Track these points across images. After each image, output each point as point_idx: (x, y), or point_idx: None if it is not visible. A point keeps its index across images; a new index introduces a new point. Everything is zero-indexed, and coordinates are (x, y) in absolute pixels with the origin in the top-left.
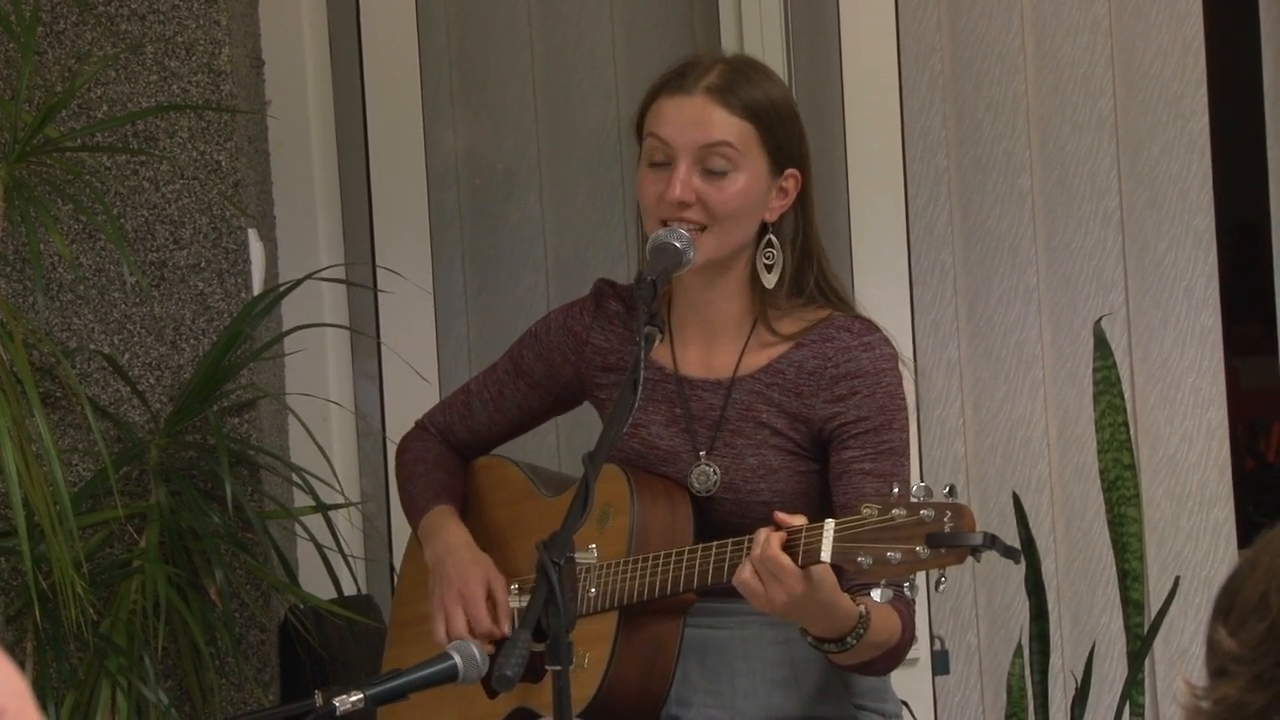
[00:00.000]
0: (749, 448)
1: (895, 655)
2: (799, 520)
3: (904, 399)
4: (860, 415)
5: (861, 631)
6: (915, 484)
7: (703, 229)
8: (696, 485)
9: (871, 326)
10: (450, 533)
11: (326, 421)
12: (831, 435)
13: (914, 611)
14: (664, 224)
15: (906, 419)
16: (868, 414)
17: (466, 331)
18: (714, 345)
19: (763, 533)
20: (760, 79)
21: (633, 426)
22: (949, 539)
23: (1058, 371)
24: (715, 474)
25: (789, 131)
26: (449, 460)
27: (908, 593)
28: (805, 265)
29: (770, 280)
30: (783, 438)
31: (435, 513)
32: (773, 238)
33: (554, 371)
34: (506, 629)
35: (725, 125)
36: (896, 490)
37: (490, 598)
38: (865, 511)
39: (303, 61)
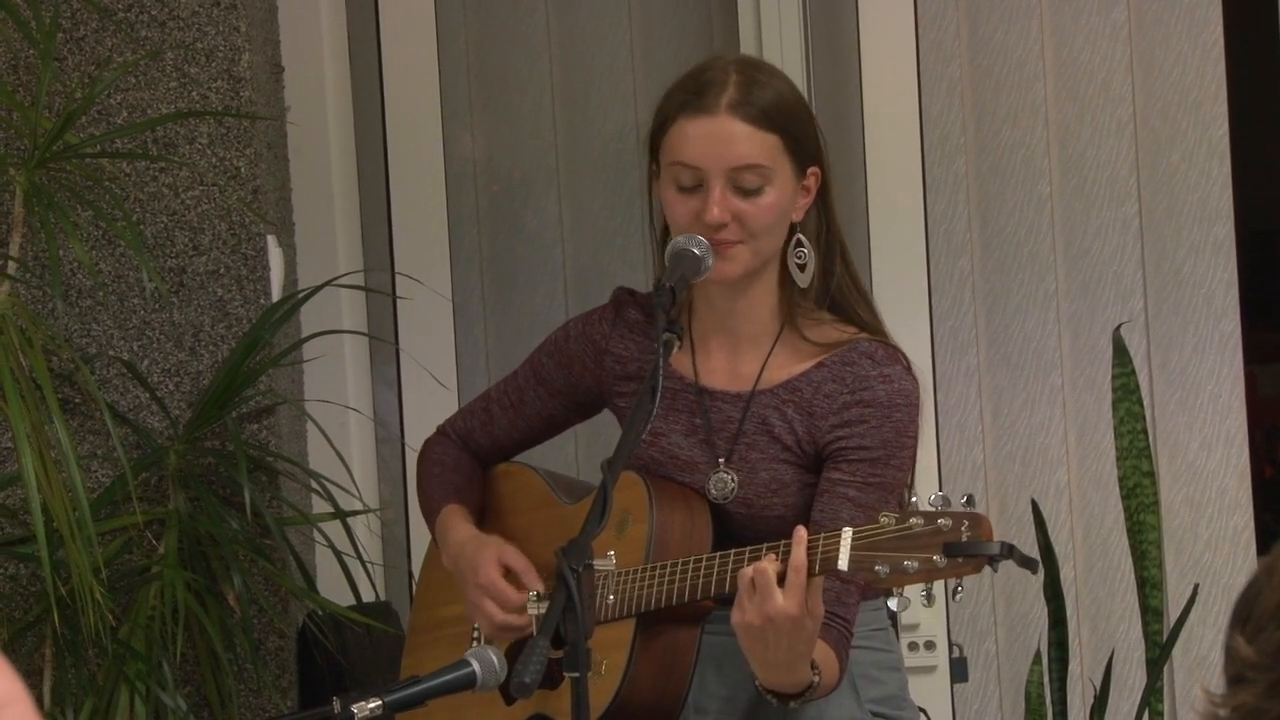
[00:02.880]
0: (762, 462)
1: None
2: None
3: (912, 438)
4: (862, 444)
5: (809, 696)
6: (933, 493)
7: (738, 242)
8: (714, 492)
9: (895, 357)
10: (456, 532)
11: (345, 428)
12: (830, 455)
13: (849, 649)
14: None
15: (909, 459)
16: (869, 444)
17: (485, 337)
18: (739, 354)
19: (800, 531)
20: (772, 80)
21: (652, 435)
22: (966, 548)
23: (1076, 378)
24: (733, 482)
25: (807, 130)
26: (466, 464)
27: (924, 602)
28: (830, 259)
29: (804, 279)
30: (793, 453)
31: (444, 514)
32: (801, 237)
33: (573, 379)
34: (539, 587)
35: (753, 142)
36: (914, 500)
37: (509, 572)
38: (883, 520)
39: (322, 68)
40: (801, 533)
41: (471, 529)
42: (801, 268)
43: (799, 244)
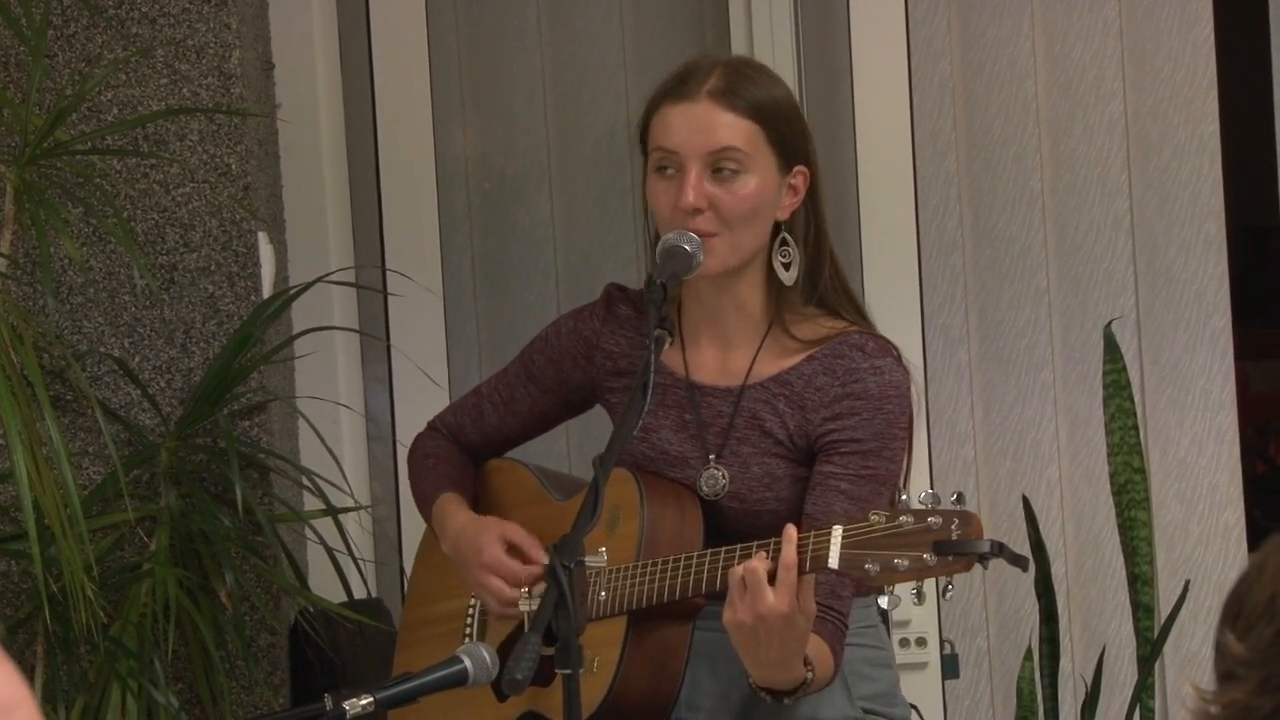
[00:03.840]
0: (754, 456)
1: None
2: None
3: (904, 429)
4: (854, 436)
5: (803, 692)
6: (923, 491)
7: (715, 236)
8: (705, 489)
9: (886, 348)
10: (454, 517)
11: (336, 425)
12: (822, 448)
13: (843, 642)
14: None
15: (901, 451)
16: (861, 437)
17: (476, 335)
18: (729, 350)
19: (790, 530)
20: (761, 78)
21: (643, 431)
22: (956, 546)
23: (1068, 375)
24: (724, 478)
25: (794, 128)
26: (458, 457)
27: (914, 601)
28: (818, 262)
29: (789, 278)
30: (784, 447)
31: (441, 501)
32: (787, 236)
33: (564, 375)
34: (545, 559)
35: (731, 128)
36: (904, 498)
37: (514, 550)
38: (873, 518)
39: (313, 65)
40: (791, 531)
41: (470, 513)
42: (786, 267)
43: (784, 243)
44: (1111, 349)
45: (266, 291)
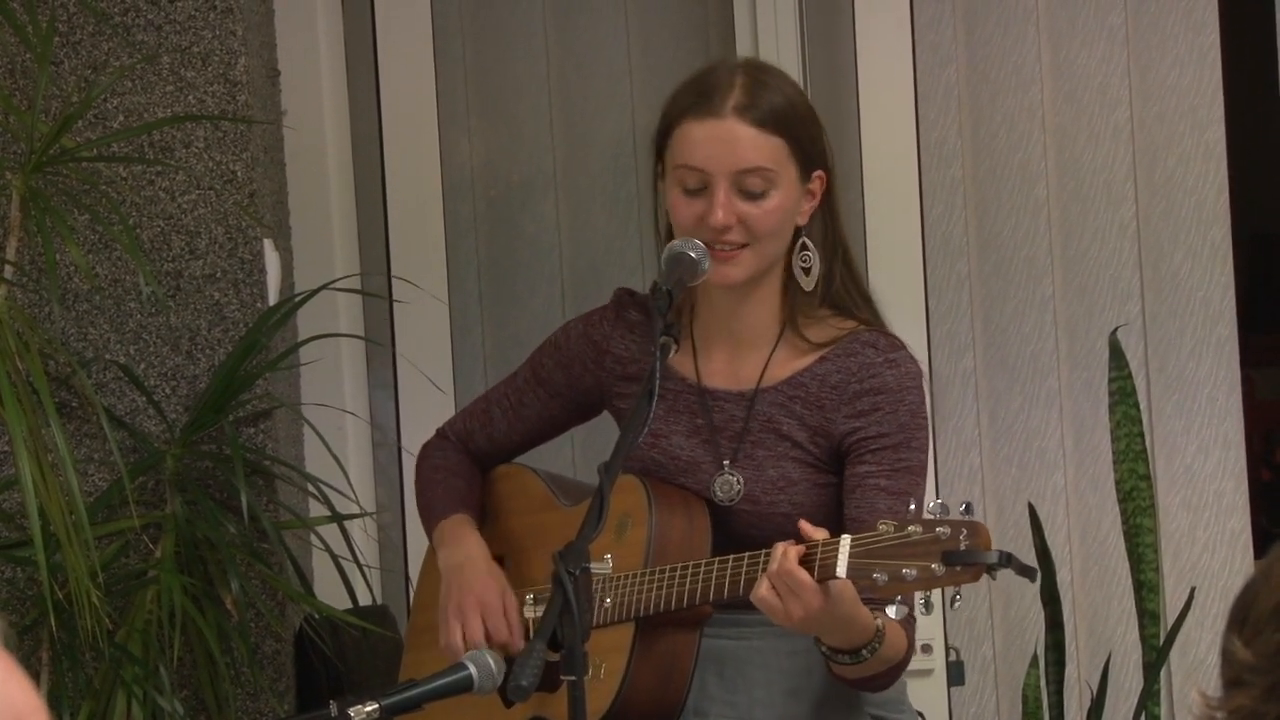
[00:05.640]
0: (769, 459)
1: (896, 672)
2: (822, 533)
3: (925, 418)
4: (880, 431)
5: (876, 645)
6: (931, 501)
7: (743, 246)
8: (720, 494)
9: (898, 343)
10: (469, 543)
11: (342, 432)
12: (849, 449)
13: (915, 628)
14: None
15: (927, 439)
16: (888, 431)
17: (482, 342)
18: (740, 355)
19: (780, 547)
20: (777, 82)
21: (654, 436)
22: (964, 557)
23: (1073, 382)
24: (739, 484)
25: (812, 134)
26: (468, 469)
27: (922, 610)
28: (832, 263)
29: (809, 283)
30: (803, 450)
31: (453, 520)
32: (806, 240)
33: (574, 380)
34: (520, 644)
35: (758, 146)
36: (912, 508)
37: (505, 613)
38: (881, 528)
39: (319, 72)
40: (804, 529)
41: (485, 549)
42: (806, 271)
43: (804, 248)
44: (1117, 356)
45: (272, 298)
